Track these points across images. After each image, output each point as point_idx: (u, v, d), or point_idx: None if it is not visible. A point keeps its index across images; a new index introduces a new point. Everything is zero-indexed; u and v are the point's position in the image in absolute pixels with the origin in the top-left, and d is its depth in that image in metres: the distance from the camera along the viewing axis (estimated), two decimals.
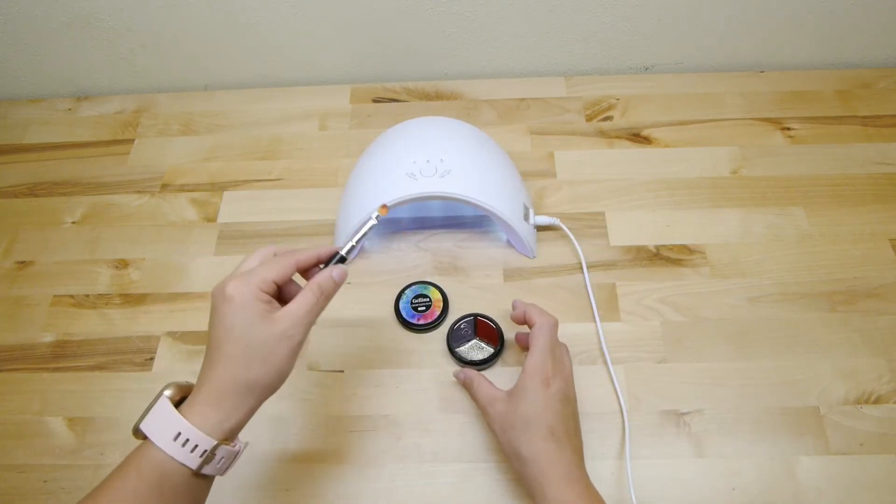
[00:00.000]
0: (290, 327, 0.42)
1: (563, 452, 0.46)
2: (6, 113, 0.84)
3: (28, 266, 0.70)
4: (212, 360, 0.42)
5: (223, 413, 0.41)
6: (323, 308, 0.45)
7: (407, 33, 0.79)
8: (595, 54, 0.82)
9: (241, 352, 0.41)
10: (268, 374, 0.42)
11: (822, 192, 0.70)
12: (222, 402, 0.41)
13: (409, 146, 0.64)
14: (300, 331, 0.43)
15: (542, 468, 0.46)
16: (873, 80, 0.79)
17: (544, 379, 0.48)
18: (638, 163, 0.74)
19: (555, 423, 0.47)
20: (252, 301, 0.42)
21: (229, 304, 0.41)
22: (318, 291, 0.44)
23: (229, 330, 0.41)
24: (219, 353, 0.41)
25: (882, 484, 0.53)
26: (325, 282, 0.45)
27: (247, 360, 0.41)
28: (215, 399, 0.41)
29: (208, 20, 0.77)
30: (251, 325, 0.41)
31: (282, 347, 0.42)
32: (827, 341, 0.60)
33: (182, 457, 0.39)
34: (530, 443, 0.47)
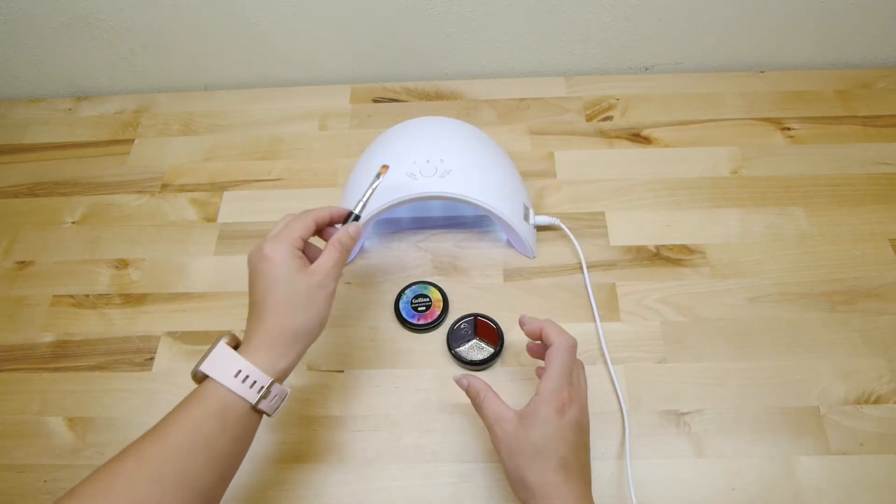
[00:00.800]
0: (324, 277, 0.48)
1: (572, 485, 0.44)
2: (6, 113, 0.84)
3: (28, 266, 0.70)
4: (259, 312, 0.46)
5: (276, 356, 0.45)
6: (345, 261, 0.51)
7: (407, 33, 0.79)
8: (595, 54, 0.82)
9: (286, 302, 0.46)
10: (311, 320, 0.47)
11: (822, 192, 0.70)
12: (275, 346, 0.45)
13: (409, 146, 0.64)
14: (332, 280, 0.48)
15: (551, 502, 0.43)
16: (873, 80, 0.79)
17: (559, 406, 0.45)
18: (638, 163, 0.74)
19: (567, 453, 0.44)
20: (289, 257, 0.47)
21: (269, 262, 0.46)
22: (340, 246, 0.50)
23: (272, 283, 0.46)
24: (265, 305, 0.46)
25: (882, 484, 0.53)
26: (344, 237, 0.51)
27: (292, 309, 0.46)
28: (269, 344, 0.45)
29: (208, 20, 0.77)
30: (292, 278, 0.46)
31: (320, 296, 0.47)
32: (827, 341, 0.60)
33: (243, 391, 0.43)
34: (539, 474, 0.44)
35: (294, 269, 0.47)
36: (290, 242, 0.47)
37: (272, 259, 0.46)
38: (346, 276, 0.67)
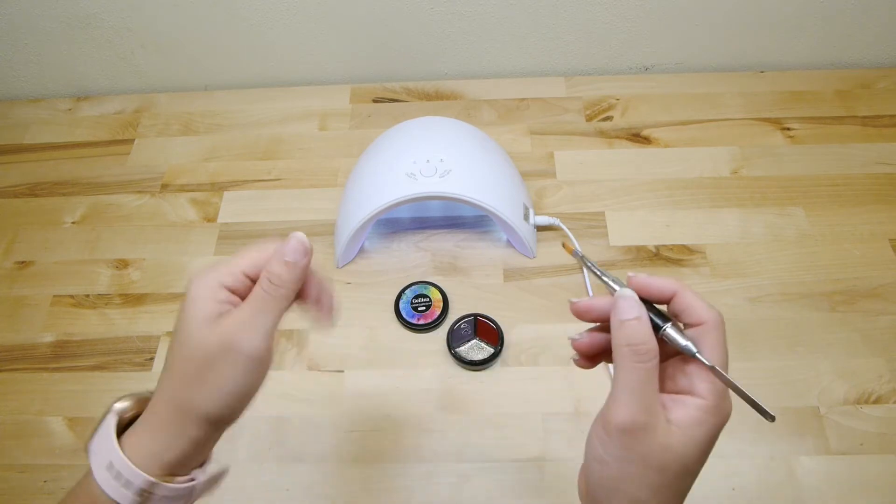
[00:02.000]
0: (235, 334, 0.32)
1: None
2: (6, 113, 0.84)
3: (28, 266, 0.70)
4: (167, 378, 0.33)
5: (161, 443, 0.32)
6: (284, 306, 0.33)
7: (407, 33, 0.79)
8: (595, 54, 0.82)
9: (181, 365, 0.32)
10: (210, 399, 0.32)
11: (822, 192, 0.70)
12: (162, 428, 0.33)
13: (409, 146, 0.64)
14: (251, 340, 0.32)
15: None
16: (873, 80, 0.79)
17: (725, 415, 0.32)
18: (638, 163, 0.74)
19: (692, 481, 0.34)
20: (205, 300, 0.32)
21: (184, 304, 0.33)
22: (266, 282, 0.33)
23: (174, 335, 0.33)
24: (165, 365, 0.33)
25: (882, 484, 0.53)
26: (275, 267, 0.33)
27: (185, 377, 0.32)
28: (155, 424, 0.33)
29: (208, 20, 0.77)
30: (196, 330, 0.32)
31: (225, 363, 0.32)
32: (827, 341, 0.60)
33: (114, 492, 0.31)
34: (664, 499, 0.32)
35: (205, 319, 0.32)
36: (217, 278, 0.33)
37: (186, 298, 0.33)
38: (346, 277, 0.67)
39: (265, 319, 0.32)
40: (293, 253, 0.34)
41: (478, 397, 0.59)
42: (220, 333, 0.32)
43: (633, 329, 0.30)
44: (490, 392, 0.59)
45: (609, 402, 0.31)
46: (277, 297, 0.33)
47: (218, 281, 0.33)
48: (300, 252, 0.34)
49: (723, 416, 0.31)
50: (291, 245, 0.34)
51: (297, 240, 0.34)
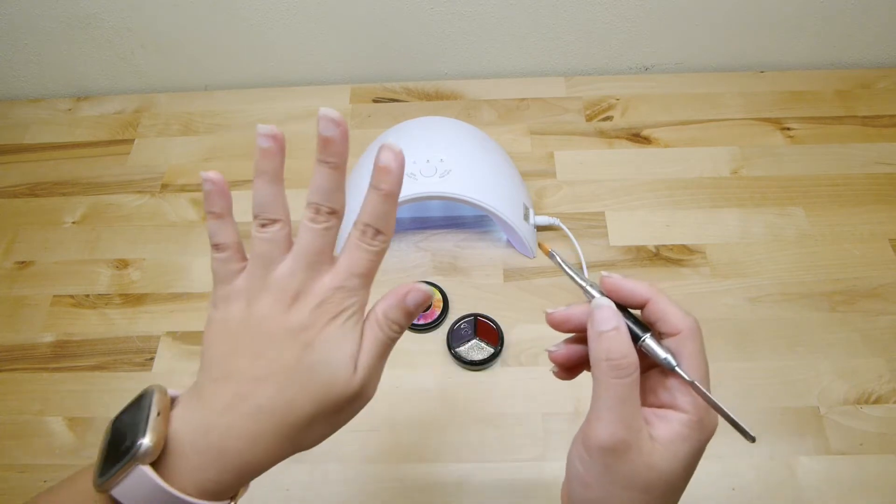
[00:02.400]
0: (365, 380, 0.31)
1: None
2: (6, 113, 0.84)
3: (28, 266, 0.70)
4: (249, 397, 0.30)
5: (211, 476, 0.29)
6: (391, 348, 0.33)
7: (407, 33, 0.79)
8: (595, 54, 0.82)
9: (311, 407, 0.30)
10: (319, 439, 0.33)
11: (821, 192, 0.70)
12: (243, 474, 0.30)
13: (409, 146, 0.64)
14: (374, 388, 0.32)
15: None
16: (873, 80, 0.79)
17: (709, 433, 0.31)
18: (638, 163, 0.74)
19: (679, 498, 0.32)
20: (357, 332, 0.32)
21: (329, 328, 0.31)
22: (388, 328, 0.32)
23: (313, 366, 0.30)
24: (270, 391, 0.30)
25: (882, 484, 0.53)
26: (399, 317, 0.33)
27: (314, 423, 0.31)
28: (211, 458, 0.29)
29: (208, 20, 0.77)
30: (341, 369, 0.30)
31: (354, 408, 0.32)
32: (827, 341, 0.60)
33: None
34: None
35: (351, 353, 0.31)
36: (366, 299, 0.33)
37: (335, 324, 0.31)
38: None
39: (383, 364, 0.32)
40: (415, 303, 0.33)
41: (478, 397, 0.59)
42: (359, 381, 0.30)
43: (612, 341, 0.29)
44: (490, 392, 0.59)
45: (589, 420, 0.29)
46: (394, 341, 0.33)
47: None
48: (425, 295, 0.33)
49: (707, 431, 0.30)
50: (414, 296, 0.33)
51: (423, 293, 0.33)
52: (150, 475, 0.27)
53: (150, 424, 0.28)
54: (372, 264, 0.32)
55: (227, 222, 0.35)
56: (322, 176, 0.32)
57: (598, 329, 0.29)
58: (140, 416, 0.29)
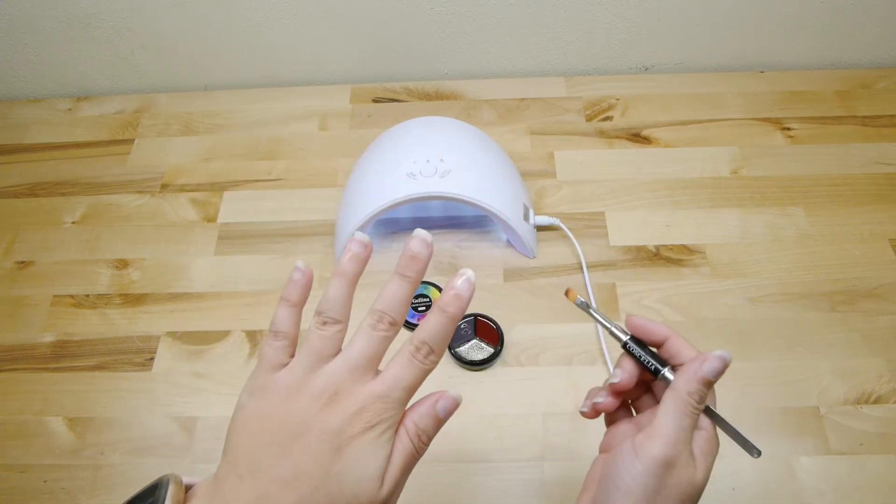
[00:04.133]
0: (390, 492, 0.32)
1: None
2: (6, 113, 0.84)
3: (28, 266, 0.70)
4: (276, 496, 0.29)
5: None
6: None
7: (407, 33, 0.79)
8: (595, 54, 0.82)
9: None
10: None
11: (821, 192, 0.70)
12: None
13: (409, 146, 0.64)
14: (396, 497, 0.33)
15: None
16: (873, 80, 0.79)
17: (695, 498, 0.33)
18: (638, 163, 0.74)
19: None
20: (387, 449, 0.31)
21: (363, 441, 0.30)
22: (417, 439, 0.33)
23: (340, 474, 0.30)
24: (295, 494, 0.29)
25: (882, 484, 0.53)
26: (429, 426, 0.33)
27: None
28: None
29: (208, 20, 0.77)
30: (370, 482, 0.31)
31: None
32: (827, 341, 0.60)
33: None
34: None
35: (381, 469, 0.31)
36: (399, 416, 0.32)
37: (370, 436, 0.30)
38: None
39: (408, 476, 0.33)
40: (446, 412, 0.33)
41: (478, 397, 0.59)
42: (384, 496, 0.31)
43: (701, 386, 0.33)
44: (490, 392, 0.59)
45: (650, 435, 0.32)
46: (422, 453, 0.33)
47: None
48: (454, 402, 0.33)
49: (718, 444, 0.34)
50: (444, 403, 0.33)
51: (453, 400, 0.34)
52: None
53: (159, 485, 0.29)
54: (419, 381, 0.32)
55: (296, 314, 0.34)
56: (396, 287, 0.33)
57: (702, 375, 0.33)
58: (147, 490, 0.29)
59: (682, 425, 0.32)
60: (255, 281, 0.67)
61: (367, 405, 0.30)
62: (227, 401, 0.59)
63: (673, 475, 0.31)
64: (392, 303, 0.33)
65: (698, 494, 0.32)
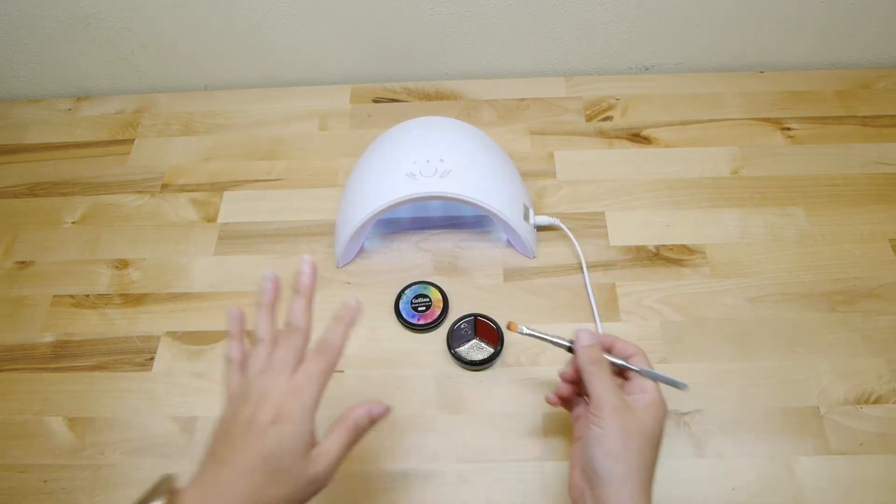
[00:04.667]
0: (324, 471, 0.39)
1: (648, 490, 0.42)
2: (6, 113, 0.84)
3: (28, 266, 0.70)
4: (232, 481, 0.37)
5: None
6: (353, 446, 0.42)
7: (407, 33, 0.79)
8: (595, 54, 0.82)
9: (272, 488, 0.37)
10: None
11: (821, 192, 0.70)
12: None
13: (409, 146, 0.64)
14: (330, 476, 0.40)
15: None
16: (873, 80, 0.79)
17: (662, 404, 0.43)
18: (638, 163, 0.74)
19: (657, 452, 0.43)
20: (305, 432, 0.38)
21: (280, 426, 0.38)
22: (355, 430, 0.42)
23: (268, 456, 0.37)
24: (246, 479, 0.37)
25: (882, 484, 0.53)
26: (362, 419, 0.42)
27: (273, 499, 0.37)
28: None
29: (208, 20, 0.77)
30: (294, 459, 0.38)
31: (308, 493, 0.39)
32: (827, 341, 0.60)
33: None
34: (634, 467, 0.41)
35: (302, 447, 0.38)
36: (312, 407, 0.40)
37: (285, 424, 0.38)
38: (346, 277, 0.67)
39: (343, 458, 0.41)
40: (379, 412, 0.44)
41: (478, 397, 0.59)
42: (314, 468, 0.39)
43: (592, 350, 0.45)
44: (490, 392, 0.59)
45: (597, 401, 0.43)
46: (355, 440, 0.43)
47: (312, 414, 0.40)
48: (380, 413, 0.44)
49: (664, 407, 0.44)
50: (380, 407, 0.44)
51: (383, 406, 0.44)
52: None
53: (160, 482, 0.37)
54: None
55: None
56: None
57: (581, 345, 0.45)
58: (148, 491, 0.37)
59: (603, 385, 0.43)
60: (255, 281, 0.67)
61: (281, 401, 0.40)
62: None
63: (628, 416, 0.42)
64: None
65: (652, 431, 0.42)
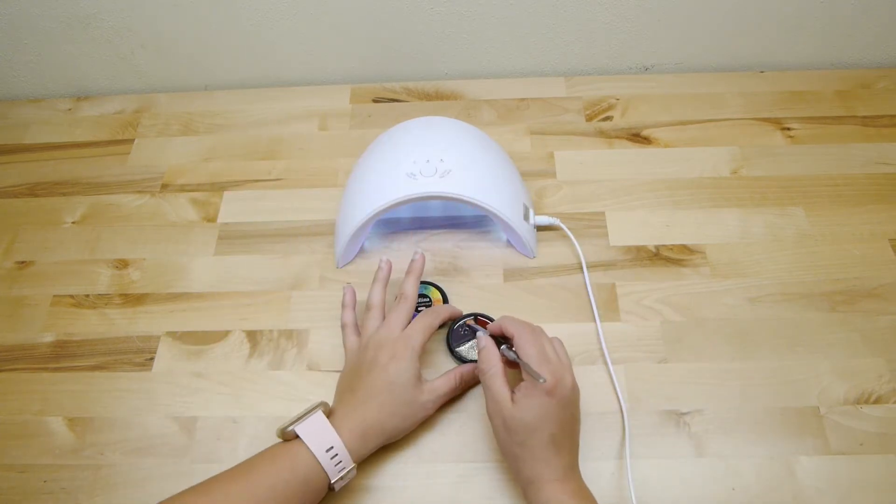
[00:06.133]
0: (431, 401, 0.54)
1: (560, 456, 0.48)
2: (6, 113, 0.84)
3: (28, 266, 0.70)
4: (365, 401, 0.52)
5: (365, 446, 0.51)
6: (456, 394, 0.57)
7: (407, 33, 0.79)
8: (595, 54, 0.82)
9: (394, 406, 0.52)
10: (402, 430, 0.53)
11: (821, 192, 0.70)
12: (368, 437, 0.51)
13: (409, 146, 0.64)
14: (435, 406, 0.55)
15: (539, 471, 0.47)
16: (873, 80, 0.79)
17: (549, 389, 0.47)
18: (638, 163, 0.74)
19: (556, 430, 0.48)
20: (414, 365, 0.53)
21: (397, 363, 0.52)
22: (460, 381, 0.56)
23: (390, 385, 0.52)
24: (374, 399, 0.52)
25: (882, 484, 0.53)
26: (468, 375, 0.57)
27: (397, 415, 0.52)
28: (363, 433, 0.50)
29: (208, 20, 0.77)
30: (408, 387, 0.52)
31: (420, 414, 0.54)
32: (827, 341, 0.60)
33: (329, 468, 0.48)
34: (532, 448, 0.48)
35: (414, 379, 0.52)
36: (417, 352, 0.53)
37: (400, 362, 0.52)
38: (346, 277, 0.67)
39: (447, 398, 0.57)
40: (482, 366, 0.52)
41: (478, 397, 0.59)
42: (427, 398, 0.54)
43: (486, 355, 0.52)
44: None
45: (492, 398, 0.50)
46: (460, 389, 0.58)
47: (418, 354, 0.54)
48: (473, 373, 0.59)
49: (561, 387, 0.48)
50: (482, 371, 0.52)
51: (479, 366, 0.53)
52: (322, 417, 0.49)
53: (320, 404, 0.51)
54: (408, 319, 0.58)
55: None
56: None
57: (480, 346, 0.53)
58: (309, 408, 0.51)
59: (495, 386, 0.50)
60: (255, 281, 0.67)
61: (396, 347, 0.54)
62: (227, 401, 0.59)
63: (498, 414, 0.49)
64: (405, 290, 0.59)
65: (523, 423, 0.47)
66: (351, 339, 0.58)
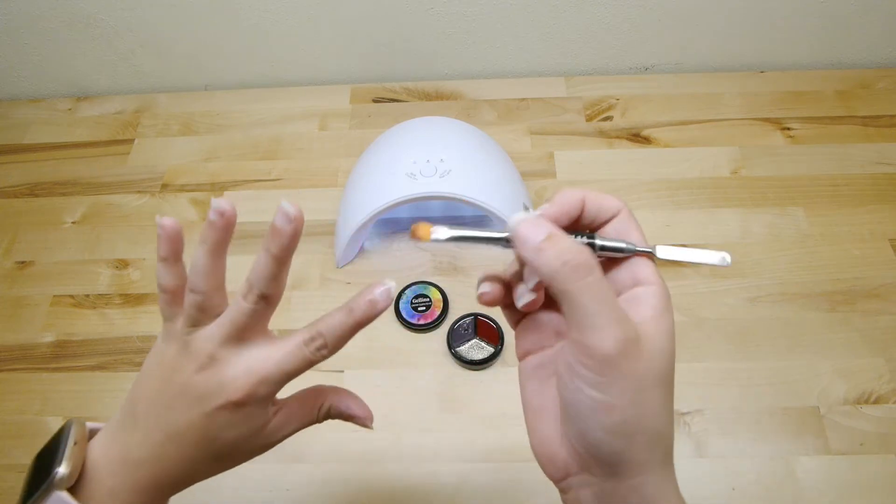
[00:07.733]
0: (277, 433, 0.36)
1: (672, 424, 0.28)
2: (6, 113, 0.84)
3: (28, 266, 0.70)
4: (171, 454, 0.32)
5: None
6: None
7: (407, 33, 0.79)
8: (595, 54, 0.82)
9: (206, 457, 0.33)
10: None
11: (821, 192, 0.70)
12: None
13: (409, 146, 0.64)
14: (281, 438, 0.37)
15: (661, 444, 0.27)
16: (873, 80, 0.79)
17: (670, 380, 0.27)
18: (638, 163, 0.74)
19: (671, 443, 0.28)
20: (265, 411, 0.34)
21: (237, 411, 0.32)
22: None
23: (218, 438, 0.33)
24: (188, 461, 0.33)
25: (882, 484, 0.53)
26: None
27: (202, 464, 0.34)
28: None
29: (208, 20, 0.77)
30: (250, 436, 0.34)
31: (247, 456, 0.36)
32: (827, 341, 0.60)
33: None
34: (664, 398, 0.27)
35: (259, 425, 0.34)
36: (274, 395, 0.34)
37: (245, 404, 0.32)
38: (346, 277, 0.67)
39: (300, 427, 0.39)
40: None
41: (478, 397, 0.59)
42: (269, 440, 0.36)
43: (555, 245, 0.25)
44: (490, 392, 0.59)
45: (581, 340, 0.24)
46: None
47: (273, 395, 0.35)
48: None
49: (668, 294, 0.28)
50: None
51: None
52: (65, 499, 0.31)
53: (67, 454, 0.31)
54: (299, 371, 0.34)
55: (171, 267, 0.36)
56: (261, 260, 0.33)
57: (532, 245, 0.25)
58: (58, 447, 0.32)
59: (595, 308, 0.25)
60: None
61: (244, 385, 0.31)
62: None
63: (638, 359, 0.25)
64: (257, 275, 0.33)
65: (670, 360, 0.26)
66: (171, 310, 0.37)
